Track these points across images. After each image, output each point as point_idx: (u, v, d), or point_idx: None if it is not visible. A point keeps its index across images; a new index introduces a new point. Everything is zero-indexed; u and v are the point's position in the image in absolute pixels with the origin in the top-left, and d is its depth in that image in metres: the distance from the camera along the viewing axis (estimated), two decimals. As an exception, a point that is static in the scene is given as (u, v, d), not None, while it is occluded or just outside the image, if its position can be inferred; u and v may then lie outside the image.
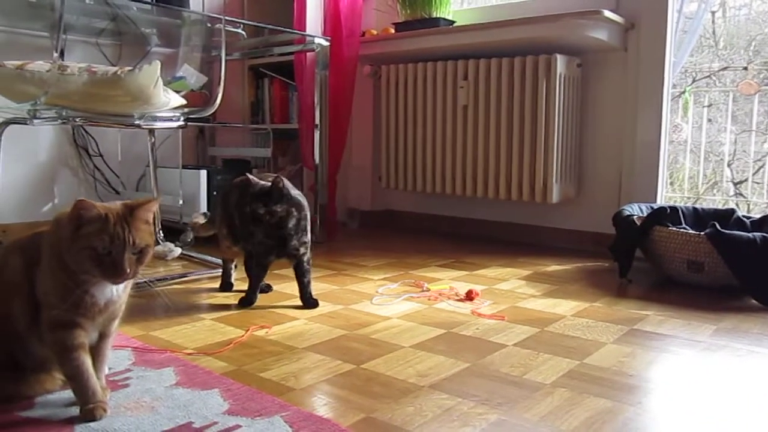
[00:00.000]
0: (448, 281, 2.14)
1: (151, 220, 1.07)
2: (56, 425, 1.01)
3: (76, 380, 1.05)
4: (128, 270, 1.00)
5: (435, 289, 2.00)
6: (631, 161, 2.71)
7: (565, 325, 1.67)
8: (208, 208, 2.77)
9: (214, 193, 2.79)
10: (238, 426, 1.02)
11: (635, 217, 2.26)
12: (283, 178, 1.71)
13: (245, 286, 1.85)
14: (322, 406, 1.12)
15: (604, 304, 1.89)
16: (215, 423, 1.03)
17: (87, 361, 1.05)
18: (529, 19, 2.62)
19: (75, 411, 1.05)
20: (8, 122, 2.05)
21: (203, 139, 3.43)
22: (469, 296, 1.90)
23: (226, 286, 1.97)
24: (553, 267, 2.44)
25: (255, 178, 1.71)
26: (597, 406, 1.15)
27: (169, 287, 1.99)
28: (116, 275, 1.00)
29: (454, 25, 3.00)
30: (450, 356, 1.40)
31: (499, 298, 1.94)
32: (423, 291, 2.00)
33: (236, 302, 1.82)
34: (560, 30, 2.54)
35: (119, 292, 1.09)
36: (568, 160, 2.78)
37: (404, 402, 1.15)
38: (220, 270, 2.02)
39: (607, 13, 2.50)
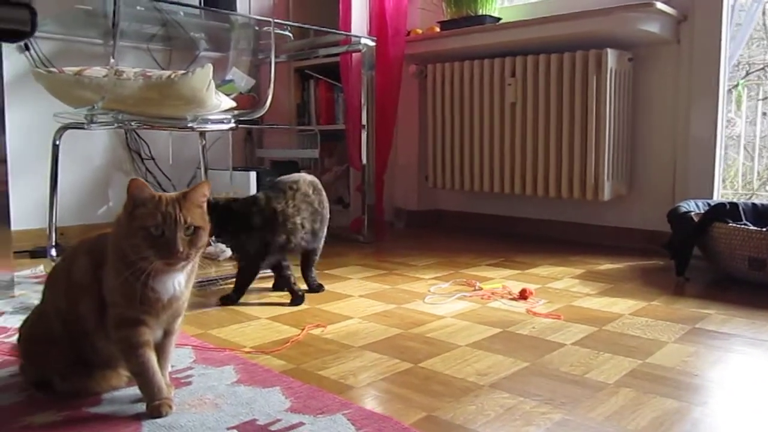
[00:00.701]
0: (500, 280, 2.12)
1: (204, 206, 1.08)
2: (124, 421, 1.03)
3: (142, 377, 1.07)
4: (181, 249, 1.01)
5: (487, 288, 1.98)
6: (685, 157, 2.64)
7: (623, 324, 1.63)
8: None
9: (264, 194, 2.81)
10: (302, 423, 1.02)
11: (692, 213, 2.20)
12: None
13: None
14: (382, 404, 1.12)
15: (662, 303, 1.84)
16: (278, 420, 1.03)
17: (152, 357, 1.07)
18: (578, 14, 2.57)
19: (141, 407, 1.07)
20: (66, 127, 2.11)
21: (251, 142, 3.47)
22: (523, 295, 1.87)
23: (280, 283, 1.97)
24: (606, 265, 2.39)
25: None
26: (663, 407, 1.12)
27: (221, 288, 2.01)
28: (170, 255, 1.01)
29: (501, 22, 2.97)
30: (508, 355, 1.38)
31: (554, 296, 1.91)
32: (475, 290, 1.98)
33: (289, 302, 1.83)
34: (611, 24, 2.49)
35: (181, 288, 1.09)
36: (620, 157, 2.72)
37: (465, 401, 1.14)
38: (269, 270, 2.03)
39: (660, 5, 2.44)
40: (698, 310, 1.77)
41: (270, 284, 2.02)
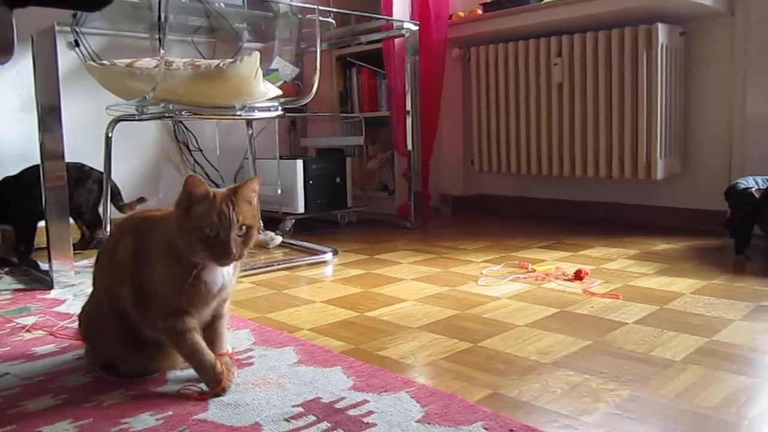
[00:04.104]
0: (552, 262, 2.08)
1: (254, 201, 1.08)
2: (190, 400, 1.04)
3: (194, 357, 1.07)
4: (235, 251, 1.01)
5: (541, 270, 1.95)
6: (742, 133, 2.55)
7: (685, 302, 1.59)
8: (306, 197, 2.81)
9: (310, 182, 2.82)
10: (366, 401, 1.02)
11: (753, 189, 2.13)
12: None
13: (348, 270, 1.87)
14: (445, 382, 1.11)
15: (723, 282, 1.79)
16: (343, 398, 1.03)
17: (200, 339, 1.08)
18: (626, -11, 2.51)
19: (206, 386, 1.08)
20: (118, 119, 2.14)
21: (295, 131, 3.48)
22: (579, 276, 1.84)
23: None
24: (662, 246, 2.34)
25: None
26: (736, 383, 1.09)
27: (272, 273, 2.03)
28: (224, 257, 1.01)
29: (545, 0, 2.91)
30: (568, 334, 1.36)
31: (610, 277, 1.87)
32: (528, 272, 1.95)
33: (348, 285, 1.83)
34: (661, -3, 2.42)
35: (230, 276, 1.10)
36: (673, 135, 2.65)
37: (529, 379, 1.12)
38: (320, 256, 2.05)
39: (713, -24, 2.36)
40: (762, 288, 1.71)
41: (324, 270, 2.03)
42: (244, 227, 1.03)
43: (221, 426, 0.94)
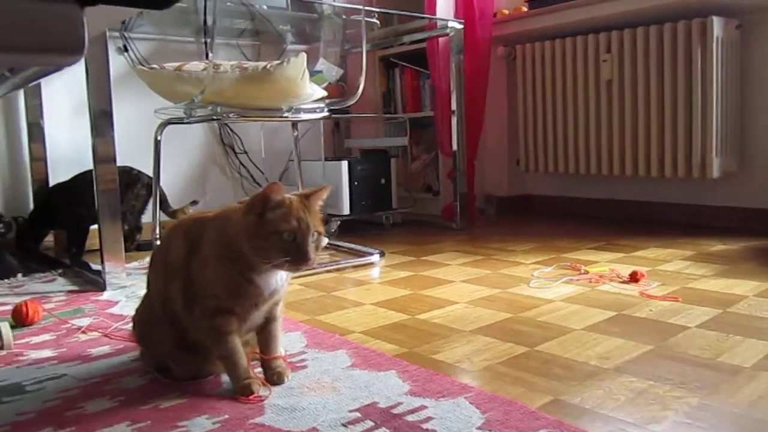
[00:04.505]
0: (605, 263, 2.03)
1: (320, 210, 1.07)
2: (246, 403, 1.03)
3: (231, 360, 1.07)
4: (312, 256, 1.00)
5: (594, 272, 1.90)
6: (804, 128, 2.45)
7: (749, 305, 1.52)
8: (351, 198, 2.80)
9: (356, 183, 2.82)
10: (424, 407, 0.99)
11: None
12: None
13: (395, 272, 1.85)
14: (503, 387, 1.08)
15: (789, 284, 1.71)
16: (400, 403, 1.01)
17: (239, 343, 1.08)
18: (679, -19, 2.43)
19: (263, 390, 1.07)
20: (167, 122, 2.16)
21: (338, 132, 3.48)
22: (634, 278, 1.78)
23: None
24: (718, 246, 2.26)
25: None
26: (813, 391, 1.03)
27: (320, 275, 2.02)
28: (301, 261, 1.00)
29: (593, -4, 2.85)
30: (628, 338, 1.31)
31: (666, 279, 1.81)
32: (581, 273, 1.90)
33: (397, 287, 1.81)
34: (716, -11, 2.34)
35: (283, 281, 1.10)
36: (729, 132, 2.56)
37: (591, 385, 1.08)
38: (367, 257, 2.05)
39: (772, -34, 2.28)
40: (832, 290, 1.63)
41: (371, 272, 2.01)
42: (316, 233, 1.02)
43: (278, 431, 0.93)
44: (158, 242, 2.13)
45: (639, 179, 2.88)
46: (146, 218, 2.52)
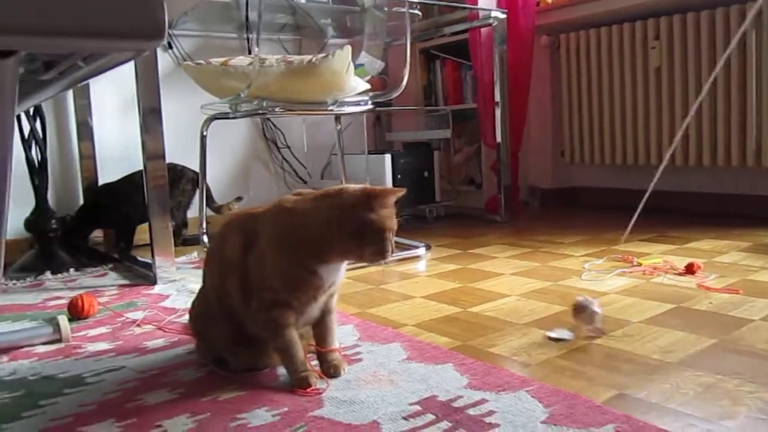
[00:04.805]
0: (658, 255, 1.98)
1: None
2: (305, 396, 1.03)
3: (289, 353, 1.07)
4: (392, 251, 1.04)
5: (647, 264, 1.85)
6: None
7: (815, 297, 1.47)
8: (394, 192, 2.79)
9: (399, 176, 2.80)
10: (485, 400, 0.97)
11: None
12: None
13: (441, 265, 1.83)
14: (565, 381, 1.05)
15: None
16: (460, 396, 0.99)
17: (296, 336, 1.08)
18: (732, -36, 2.36)
19: (320, 383, 1.06)
20: (213, 118, 2.17)
21: (380, 125, 3.47)
22: (691, 269, 1.73)
23: None
24: (776, 237, 2.19)
25: None
26: None
27: (367, 268, 2.01)
28: (383, 255, 1.03)
29: (640, -18, 2.78)
30: (690, 331, 1.27)
31: (724, 271, 1.76)
32: (634, 266, 1.86)
33: (445, 280, 1.79)
34: (773, -29, 2.26)
35: (341, 273, 1.10)
36: (785, 118, 2.47)
37: (656, 379, 1.05)
38: (413, 251, 2.05)
39: (832, -55, 2.18)
40: None
41: (418, 266, 2.00)
42: (392, 231, 1.06)
43: (338, 424, 0.92)
44: (205, 237, 2.16)
45: (689, 169, 2.81)
46: (191, 213, 2.55)
